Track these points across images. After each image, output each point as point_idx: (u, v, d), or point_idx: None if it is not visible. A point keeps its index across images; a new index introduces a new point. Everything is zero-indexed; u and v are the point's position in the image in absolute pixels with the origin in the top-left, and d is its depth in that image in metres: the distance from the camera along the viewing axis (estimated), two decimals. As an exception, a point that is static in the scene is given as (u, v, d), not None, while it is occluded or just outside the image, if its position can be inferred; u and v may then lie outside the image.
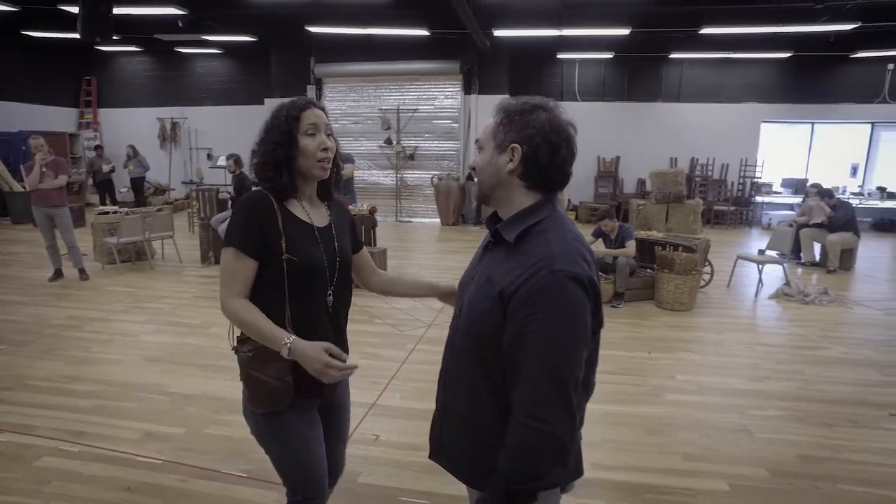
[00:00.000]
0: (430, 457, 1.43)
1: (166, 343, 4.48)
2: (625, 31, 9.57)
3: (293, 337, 1.41)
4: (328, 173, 1.56)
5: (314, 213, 1.59)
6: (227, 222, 6.04)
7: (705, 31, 9.40)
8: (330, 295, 1.58)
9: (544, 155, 1.19)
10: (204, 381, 3.76)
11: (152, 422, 3.18)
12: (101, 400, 3.45)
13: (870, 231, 11.02)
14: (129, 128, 13.68)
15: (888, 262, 8.68)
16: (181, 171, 13.80)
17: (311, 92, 12.05)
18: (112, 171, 12.13)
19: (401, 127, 12.09)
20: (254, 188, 1.60)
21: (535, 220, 1.20)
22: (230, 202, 7.19)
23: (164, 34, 11.36)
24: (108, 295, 5.90)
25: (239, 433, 3.08)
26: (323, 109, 1.55)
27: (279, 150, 1.47)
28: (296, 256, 1.48)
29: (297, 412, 1.57)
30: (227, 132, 13.14)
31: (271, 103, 10.84)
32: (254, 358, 1.49)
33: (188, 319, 5.09)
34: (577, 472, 1.31)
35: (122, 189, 12.81)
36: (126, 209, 7.47)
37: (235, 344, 1.56)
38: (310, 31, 10.45)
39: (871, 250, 9.00)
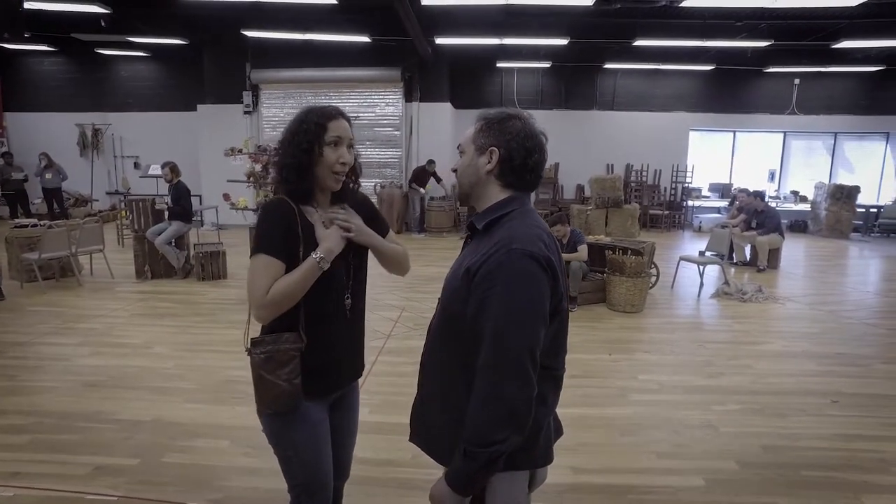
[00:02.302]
0: (410, 439, 1.46)
1: (106, 366, 4.11)
2: (563, 42, 9.89)
3: (317, 253, 1.47)
4: (340, 186, 1.58)
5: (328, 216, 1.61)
6: (164, 234, 5.69)
7: (638, 43, 9.88)
8: (348, 298, 1.63)
9: (518, 157, 1.32)
10: (154, 405, 3.48)
11: (100, 454, 2.89)
12: (36, 434, 3.11)
13: (786, 232, 11.89)
14: (43, 134, 12.64)
15: (804, 260, 9.40)
16: (105, 180, 12.89)
17: (247, 98, 11.60)
18: (25, 180, 11.16)
19: (342, 134, 11.85)
20: (190, 196, 1.61)
21: (505, 212, 1.32)
22: (166, 213, 6.76)
23: (84, 33, 10.59)
24: (31, 316, 5.37)
25: (201, 460, 2.87)
26: (349, 120, 1.57)
27: (304, 157, 1.51)
28: None
29: (307, 412, 1.59)
30: (157, 139, 12.44)
31: (204, 109, 10.36)
32: (266, 360, 1.52)
33: (128, 339, 4.71)
34: (546, 458, 1.37)
35: (36, 200, 11.81)
36: (46, 221, 6.85)
37: (249, 346, 1.57)
38: (246, 36, 10.06)
39: (789, 250, 9.67)
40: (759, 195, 8.30)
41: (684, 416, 3.44)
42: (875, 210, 12.14)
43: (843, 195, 11.44)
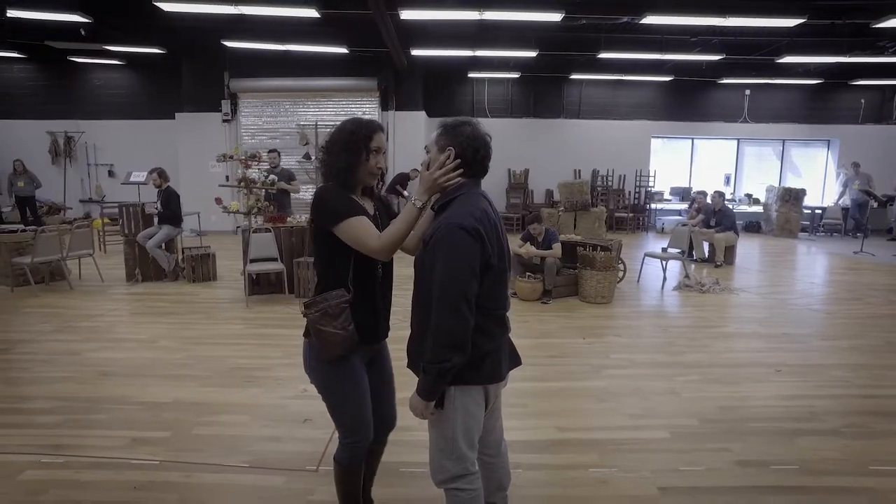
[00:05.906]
0: (408, 365, 1.87)
1: (116, 358, 4.35)
2: (532, 54, 10.45)
3: (413, 198, 1.82)
4: (374, 182, 2.02)
5: (365, 205, 1.99)
6: (155, 238, 6.03)
7: (602, 55, 10.51)
8: (379, 267, 1.98)
9: (469, 153, 1.76)
10: (172, 389, 3.76)
11: (134, 429, 3.18)
12: (68, 415, 3.36)
13: (742, 232, 12.72)
14: (12, 141, 12.48)
15: (757, 257, 10.14)
16: (77, 188, 12.82)
17: (225, 107, 11.79)
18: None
19: (319, 142, 12.12)
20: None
21: (453, 196, 1.77)
22: (156, 217, 6.96)
23: (58, 41, 10.61)
24: (28, 317, 5.52)
25: (229, 431, 3.19)
26: (385, 133, 2.00)
27: (354, 161, 1.91)
28: None
29: (353, 366, 1.94)
30: (133, 148, 12.46)
31: (183, 118, 10.45)
32: (322, 316, 1.87)
33: (133, 335, 4.94)
34: (493, 378, 1.82)
35: (6, 208, 11.69)
36: (34, 227, 6.95)
37: (304, 309, 1.91)
38: (225, 45, 10.28)
39: (744, 248, 10.42)
40: (721, 194, 9.06)
41: (652, 385, 3.91)
42: (820, 211, 13.10)
43: (792, 197, 12.33)
